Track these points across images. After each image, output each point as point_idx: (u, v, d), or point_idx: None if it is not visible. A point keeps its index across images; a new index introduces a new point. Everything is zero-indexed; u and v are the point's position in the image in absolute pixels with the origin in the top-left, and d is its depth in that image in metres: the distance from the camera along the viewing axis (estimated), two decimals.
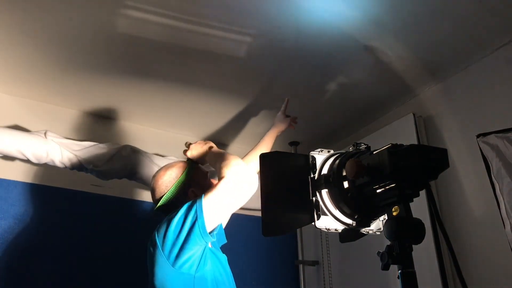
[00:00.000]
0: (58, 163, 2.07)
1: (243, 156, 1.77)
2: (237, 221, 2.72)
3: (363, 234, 0.96)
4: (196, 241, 1.18)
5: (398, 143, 0.81)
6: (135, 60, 2.00)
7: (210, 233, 1.21)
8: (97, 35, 1.80)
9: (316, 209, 0.94)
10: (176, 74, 2.11)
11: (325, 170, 0.95)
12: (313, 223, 0.94)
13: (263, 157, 0.99)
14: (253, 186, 1.32)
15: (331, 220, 0.93)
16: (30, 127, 2.19)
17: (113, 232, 2.28)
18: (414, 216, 0.77)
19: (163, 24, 1.74)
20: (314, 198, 0.95)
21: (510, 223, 1.68)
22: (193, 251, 1.19)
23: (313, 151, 1.00)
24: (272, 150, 1.23)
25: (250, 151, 1.84)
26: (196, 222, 1.18)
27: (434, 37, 1.83)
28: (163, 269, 1.20)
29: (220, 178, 1.28)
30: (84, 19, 1.71)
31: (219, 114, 2.53)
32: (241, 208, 2.70)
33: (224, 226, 1.66)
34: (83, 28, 1.76)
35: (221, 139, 2.85)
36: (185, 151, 1.63)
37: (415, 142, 2.09)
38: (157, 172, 1.50)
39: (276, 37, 1.83)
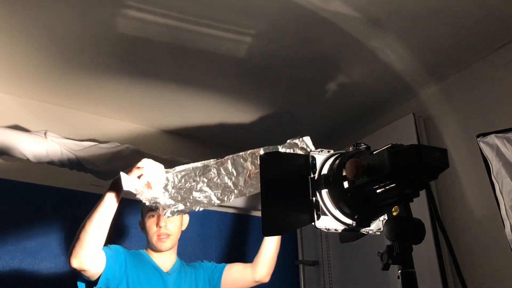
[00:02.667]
0: (58, 163, 2.07)
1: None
2: (237, 221, 2.74)
3: (363, 234, 0.95)
4: None
5: (398, 143, 0.80)
6: (135, 60, 2.00)
7: None
8: (97, 35, 1.80)
9: (316, 209, 0.94)
10: (176, 74, 2.11)
11: (325, 170, 0.95)
12: (313, 223, 0.94)
13: (263, 157, 0.99)
14: None
15: (331, 220, 0.93)
16: (30, 127, 2.19)
17: (113, 232, 2.28)
18: (414, 216, 0.77)
19: (163, 24, 1.74)
20: (314, 198, 0.95)
21: (510, 223, 1.68)
22: None
23: (313, 151, 1.00)
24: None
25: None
26: None
27: (434, 37, 1.83)
28: None
29: None
30: (84, 19, 1.71)
31: (219, 115, 2.53)
32: (241, 208, 2.73)
33: None
34: (83, 28, 1.76)
35: (221, 139, 2.86)
36: None
37: (415, 142, 2.08)
38: None
39: (276, 37, 1.83)
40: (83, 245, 1.28)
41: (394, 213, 0.78)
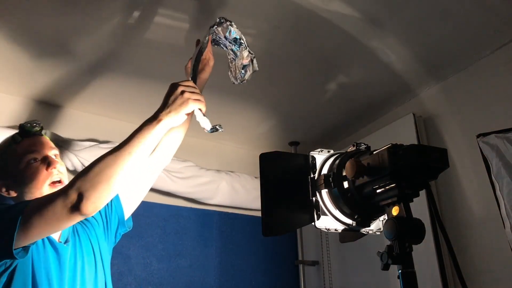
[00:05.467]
0: None
1: None
2: (237, 221, 2.74)
3: (363, 234, 0.95)
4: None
5: (398, 143, 0.81)
6: (135, 60, 2.00)
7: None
8: (97, 35, 1.80)
9: (316, 209, 0.94)
10: (175, 74, 2.10)
11: (325, 170, 0.95)
12: (313, 223, 0.94)
13: (263, 157, 0.99)
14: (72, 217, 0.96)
15: (331, 220, 0.93)
16: None
17: None
18: (414, 216, 0.77)
19: (162, 24, 1.74)
20: (314, 198, 0.95)
21: (510, 223, 1.68)
22: None
23: (313, 151, 1.00)
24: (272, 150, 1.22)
25: None
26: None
27: (434, 37, 1.83)
28: None
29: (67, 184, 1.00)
30: (84, 18, 1.71)
31: (218, 115, 2.53)
32: (241, 208, 2.72)
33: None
34: (83, 27, 1.76)
35: (220, 140, 2.86)
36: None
37: (415, 142, 2.09)
38: None
39: (276, 37, 1.83)
40: (106, 187, 0.97)
41: (394, 213, 0.78)
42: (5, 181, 1.15)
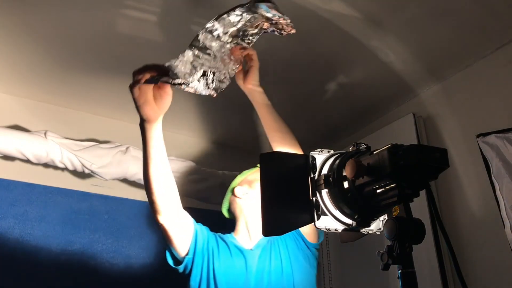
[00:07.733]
0: (58, 163, 2.08)
1: None
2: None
3: (363, 234, 0.95)
4: None
5: (398, 143, 0.80)
6: (135, 61, 1.99)
7: None
8: (97, 35, 1.80)
9: (316, 209, 0.94)
10: None
11: (325, 170, 0.95)
12: (313, 223, 0.94)
13: (263, 157, 0.99)
14: None
15: (331, 220, 0.93)
16: (30, 127, 2.19)
17: (113, 232, 2.28)
18: (414, 216, 0.77)
19: (162, 24, 1.74)
20: (314, 198, 0.95)
21: (510, 223, 1.68)
22: None
23: (313, 151, 1.00)
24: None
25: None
26: None
27: (434, 37, 1.83)
28: None
29: None
30: (84, 19, 1.71)
31: (218, 115, 2.53)
32: None
33: None
34: (83, 28, 1.76)
35: (221, 140, 2.86)
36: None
37: (415, 142, 2.08)
38: None
39: (276, 37, 1.83)
40: (159, 195, 1.26)
41: (394, 213, 0.78)
42: None
